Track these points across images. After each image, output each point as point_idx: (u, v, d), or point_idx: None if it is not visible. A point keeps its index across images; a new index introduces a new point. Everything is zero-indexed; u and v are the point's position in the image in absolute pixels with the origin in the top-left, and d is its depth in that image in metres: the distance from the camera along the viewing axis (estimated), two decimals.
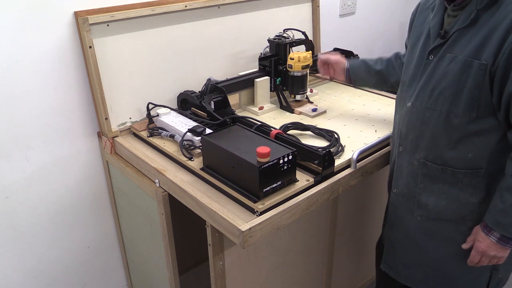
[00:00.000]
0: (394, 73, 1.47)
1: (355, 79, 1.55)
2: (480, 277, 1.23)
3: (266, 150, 1.07)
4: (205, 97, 1.51)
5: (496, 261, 1.16)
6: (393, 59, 1.49)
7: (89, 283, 1.77)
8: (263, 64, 1.72)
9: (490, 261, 1.17)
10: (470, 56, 1.03)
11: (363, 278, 1.95)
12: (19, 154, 1.43)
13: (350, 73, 1.55)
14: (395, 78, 1.46)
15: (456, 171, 1.13)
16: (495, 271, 1.22)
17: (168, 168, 1.34)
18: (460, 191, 1.15)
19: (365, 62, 1.53)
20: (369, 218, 1.76)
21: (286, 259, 1.45)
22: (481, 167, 1.11)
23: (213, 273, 1.23)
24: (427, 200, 1.20)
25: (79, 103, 1.51)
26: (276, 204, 1.13)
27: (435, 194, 1.19)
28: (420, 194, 1.21)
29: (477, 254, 1.17)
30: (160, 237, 1.43)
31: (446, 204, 1.18)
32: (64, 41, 1.41)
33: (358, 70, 1.53)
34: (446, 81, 1.08)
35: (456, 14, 1.08)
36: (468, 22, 1.04)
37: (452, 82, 1.07)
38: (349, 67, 1.54)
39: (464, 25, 1.05)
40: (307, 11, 2.03)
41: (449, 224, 1.20)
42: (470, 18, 1.04)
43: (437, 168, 1.16)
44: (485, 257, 1.16)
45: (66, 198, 1.58)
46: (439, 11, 1.14)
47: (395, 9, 2.59)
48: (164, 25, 1.56)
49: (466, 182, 1.13)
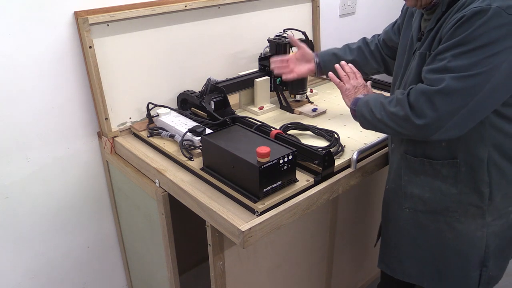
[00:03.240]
0: (367, 62, 1.52)
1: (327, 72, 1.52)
2: (471, 273, 1.24)
3: (266, 150, 1.07)
4: (205, 97, 1.51)
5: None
6: (363, 46, 1.53)
7: (89, 283, 1.77)
8: (263, 64, 1.72)
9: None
10: (425, 49, 1.11)
11: (363, 278, 1.95)
12: (19, 154, 1.43)
13: (321, 67, 1.55)
14: (368, 67, 1.53)
15: (433, 162, 1.17)
16: (484, 268, 1.23)
17: (168, 168, 1.34)
18: (441, 182, 1.18)
19: (335, 54, 1.54)
20: (369, 218, 1.76)
21: (286, 259, 1.45)
22: (455, 157, 1.13)
23: (213, 273, 1.23)
24: (412, 192, 1.24)
25: (79, 103, 1.51)
26: (276, 204, 1.13)
27: (419, 186, 1.22)
28: (405, 186, 1.25)
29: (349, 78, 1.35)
30: (160, 237, 1.43)
31: (430, 195, 1.21)
32: (64, 41, 1.41)
33: (329, 62, 1.53)
34: (412, 76, 1.15)
35: (429, 17, 1.15)
36: (435, 23, 1.10)
37: (414, 75, 1.14)
38: (320, 61, 1.55)
39: (432, 26, 1.11)
40: (307, 11, 2.03)
41: (435, 216, 1.22)
42: (435, 19, 1.10)
43: (415, 161, 1.20)
44: (347, 80, 1.35)
45: (66, 198, 1.58)
46: (418, 16, 1.22)
47: (395, 9, 2.59)
48: (164, 25, 1.56)
49: (444, 173, 1.16)
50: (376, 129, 1.20)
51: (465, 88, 0.98)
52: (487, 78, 0.97)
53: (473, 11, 0.96)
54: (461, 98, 0.99)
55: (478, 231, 1.19)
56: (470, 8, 0.98)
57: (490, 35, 0.95)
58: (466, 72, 0.97)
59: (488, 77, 0.97)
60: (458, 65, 0.98)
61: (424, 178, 1.20)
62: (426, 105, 1.01)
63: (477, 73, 0.97)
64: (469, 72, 0.97)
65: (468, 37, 0.97)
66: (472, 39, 0.97)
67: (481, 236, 1.19)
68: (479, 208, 1.16)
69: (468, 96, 0.99)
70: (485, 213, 1.17)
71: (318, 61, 1.55)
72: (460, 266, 1.24)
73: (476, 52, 0.97)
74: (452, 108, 1.00)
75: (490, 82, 0.97)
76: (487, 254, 1.21)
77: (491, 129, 1.09)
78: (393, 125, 1.10)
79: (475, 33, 0.96)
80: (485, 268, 1.23)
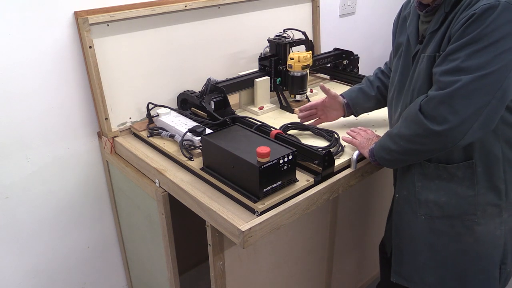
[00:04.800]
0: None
1: (356, 110, 1.49)
2: (493, 274, 1.22)
3: (266, 150, 1.06)
4: (205, 97, 1.51)
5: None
6: (381, 76, 1.48)
7: (89, 283, 1.77)
8: (263, 64, 1.72)
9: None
10: (433, 51, 1.08)
11: (363, 278, 1.95)
12: (19, 154, 1.43)
13: (351, 107, 1.49)
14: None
15: (448, 166, 1.15)
16: (503, 265, 1.22)
17: (168, 168, 1.34)
18: (457, 185, 1.16)
19: (360, 90, 1.48)
20: (369, 218, 1.76)
21: (286, 259, 1.45)
22: (471, 158, 1.12)
23: (213, 273, 1.23)
24: (427, 198, 1.21)
25: (79, 103, 1.51)
26: (276, 204, 1.13)
27: (434, 191, 1.19)
28: (419, 193, 1.22)
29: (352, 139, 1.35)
30: (160, 237, 1.43)
31: (446, 200, 1.18)
32: (64, 41, 1.41)
33: (356, 100, 1.48)
34: (421, 80, 1.12)
35: (429, 19, 1.13)
36: (438, 25, 1.09)
37: (424, 79, 1.11)
38: (348, 101, 1.48)
39: (435, 27, 1.10)
40: (307, 11, 2.03)
41: (453, 220, 1.19)
42: (439, 21, 1.09)
43: (429, 166, 1.17)
44: (358, 136, 1.35)
45: (66, 198, 1.58)
46: (414, 19, 1.20)
47: (395, 9, 2.58)
48: (164, 25, 1.56)
49: (460, 175, 1.14)
50: (404, 162, 1.18)
51: (484, 87, 0.96)
52: (504, 73, 0.96)
53: (483, 8, 0.95)
54: (482, 98, 0.97)
55: (497, 229, 1.17)
56: (479, 6, 0.96)
57: (501, 30, 0.94)
58: (482, 71, 0.96)
59: (505, 72, 0.96)
60: (473, 64, 0.96)
61: (439, 182, 1.17)
62: (447, 111, 0.99)
63: (493, 71, 0.96)
64: (486, 71, 0.96)
65: (479, 34, 0.96)
66: (484, 36, 0.95)
67: (500, 234, 1.17)
68: (497, 206, 1.15)
69: (488, 95, 0.97)
70: (503, 210, 1.15)
71: (346, 101, 1.48)
72: (482, 268, 1.21)
73: (489, 49, 0.95)
74: (475, 109, 0.98)
75: (508, 77, 0.96)
76: (505, 251, 1.20)
77: (503, 125, 1.08)
78: (416, 147, 1.08)
79: (487, 30, 0.95)
80: (504, 266, 1.22)
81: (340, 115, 1.52)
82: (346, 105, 1.48)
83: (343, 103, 1.48)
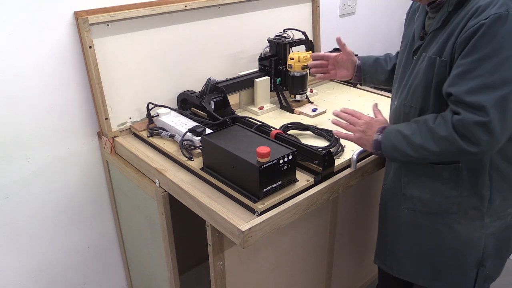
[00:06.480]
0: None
1: (365, 78, 1.48)
2: (468, 272, 1.25)
3: (266, 150, 1.07)
4: (205, 97, 1.51)
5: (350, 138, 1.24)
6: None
7: (89, 283, 1.77)
8: (263, 64, 1.72)
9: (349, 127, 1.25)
10: (435, 54, 1.09)
11: (363, 278, 1.95)
12: (19, 154, 1.43)
13: (361, 71, 1.48)
14: None
15: (435, 166, 1.17)
16: (482, 267, 1.24)
17: (168, 168, 1.34)
18: (442, 184, 1.18)
19: (377, 61, 1.47)
20: (369, 218, 1.76)
21: (286, 259, 1.45)
22: (458, 161, 1.13)
23: (213, 273, 1.23)
24: (412, 193, 1.24)
25: (79, 103, 1.51)
26: (276, 204, 1.13)
27: (419, 188, 1.22)
28: (405, 187, 1.25)
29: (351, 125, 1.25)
30: (160, 237, 1.43)
31: (429, 197, 1.21)
32: (64, 41, 1.41)
33: (370, 67, 1.47)
34: (418, 79, 1.13)
35: (434, 16, 1.13)
36: (440, 24, 1.09)
37: (421, 79, 1.12)
38: (361, 65, 1.47)
39: (437, 26, 1.10)
40: (307, 11, 2.03)
41: (434, 217, 1.22)
42: (442, 20, 1.08)
43: (417, 163, 1.19)
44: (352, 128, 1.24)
45: (66, 198, 1.58)
46: (422, 13, 1.20)
47: (395, 9, 2.59)
48: (164, 25, 1.56)
49: (446, 176, 1.16)
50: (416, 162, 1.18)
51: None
52: None
53: (492, 18, 0.95)
54: (511, 109, 0.98)
55: (477, 232, 1.19)
56: (488, 15, 0.96)
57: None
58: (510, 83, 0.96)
59: None
60: (499, 79, 0.96)
61: (425, 179, 1.20)
62: (483, 133, 0.99)
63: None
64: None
65: (496, 46, 0.96)
66: (501, 47, 0.95)
67: (479, 236, 1.19)
68: (479, 211, 1.16)
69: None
70: (484, 215, 1.17)
71: (359, 64, 1.47)
72: (457, 265, 1.25)
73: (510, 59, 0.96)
74: (507, 125, 0.99)
75: None
76: (484, 254, 1.22)
77: None
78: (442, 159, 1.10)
79: (503, 41, 0.95)
80: (482, 268, 1.24)
81: (349, 76, 1.50)
82: (357, 67, 1.48)
83: (355, 64, 1.48)
